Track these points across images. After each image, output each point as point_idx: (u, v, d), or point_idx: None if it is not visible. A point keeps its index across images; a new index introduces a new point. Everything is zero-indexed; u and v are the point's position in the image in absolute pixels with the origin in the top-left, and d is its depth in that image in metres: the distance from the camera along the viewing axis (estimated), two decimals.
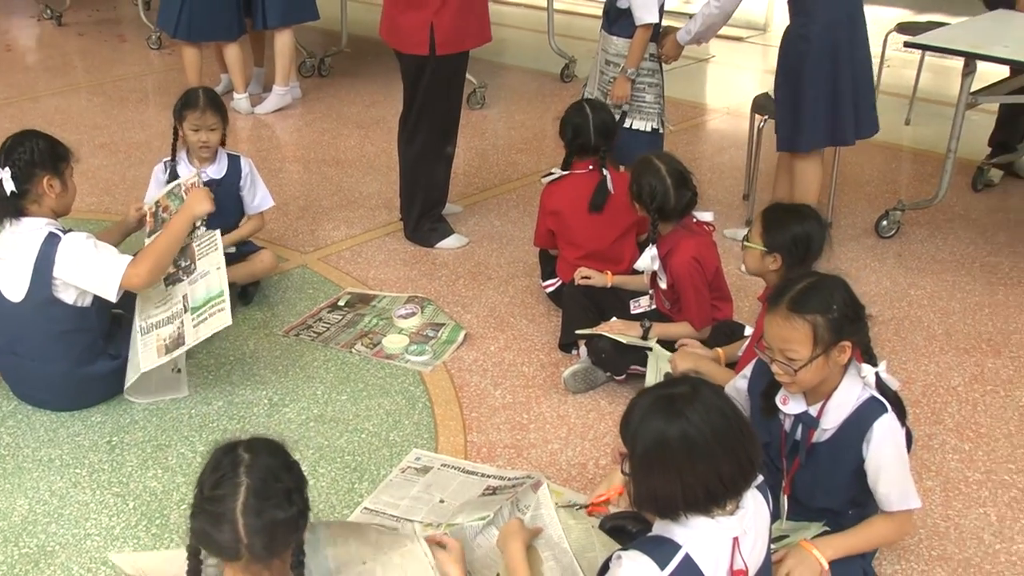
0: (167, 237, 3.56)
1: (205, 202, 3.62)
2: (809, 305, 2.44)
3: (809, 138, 4.46)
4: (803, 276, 2.56)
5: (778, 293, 2.51)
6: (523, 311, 4.24)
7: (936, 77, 6.88)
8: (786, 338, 2.45)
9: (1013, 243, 4.88)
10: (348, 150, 6.05)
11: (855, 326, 2.47)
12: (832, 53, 4.33)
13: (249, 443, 2.06)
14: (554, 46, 7.49)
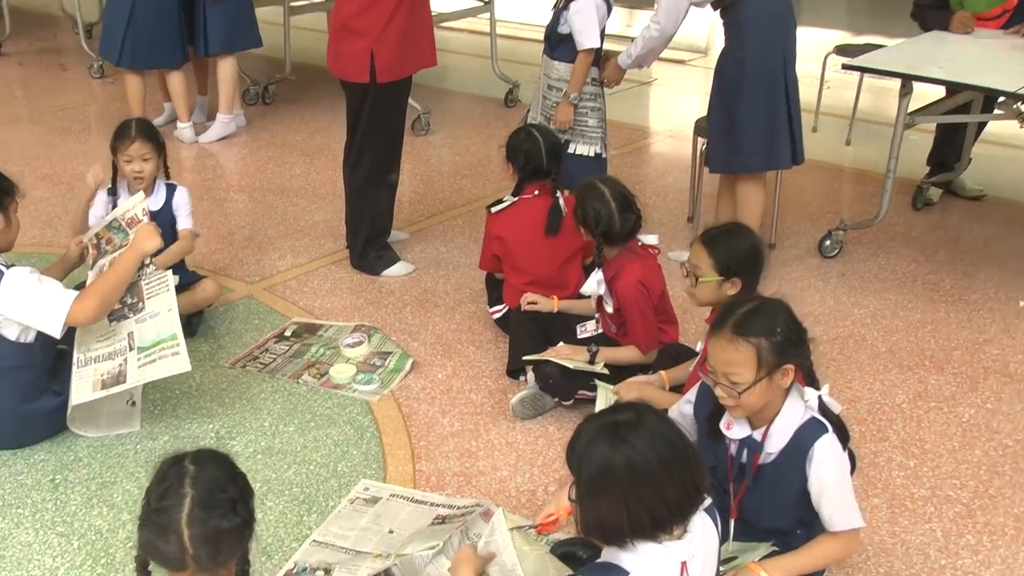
0: (115, 274, 3.52)
1: (154, 238, 3.60)
2: (753, 328, 2.45)
3: (745, 161, 4.51)
4: (746, 300, 2.58)
5: (722, 317, 2.52)
6: (470, 338, 4.24)
7: (875, 98, 6.99)
8: (730, 361, 2.46)
9: (953, 261, 4.95)
10: (293, 178, 6.02)
11: (798, 349, 2.49)
12: (768, 76, 4.39)
13: (195, 455, 2.07)
14: (497, 71, 7.53)
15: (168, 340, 3.42)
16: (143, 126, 4.16)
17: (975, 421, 3.67)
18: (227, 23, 6.49)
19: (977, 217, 5.46)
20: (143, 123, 4.19)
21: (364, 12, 4.34)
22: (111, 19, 6.36)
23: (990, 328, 4.33)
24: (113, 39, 6.33)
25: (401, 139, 4.73)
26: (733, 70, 4.42)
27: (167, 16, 6.33)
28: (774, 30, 4.41)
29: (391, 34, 4.36)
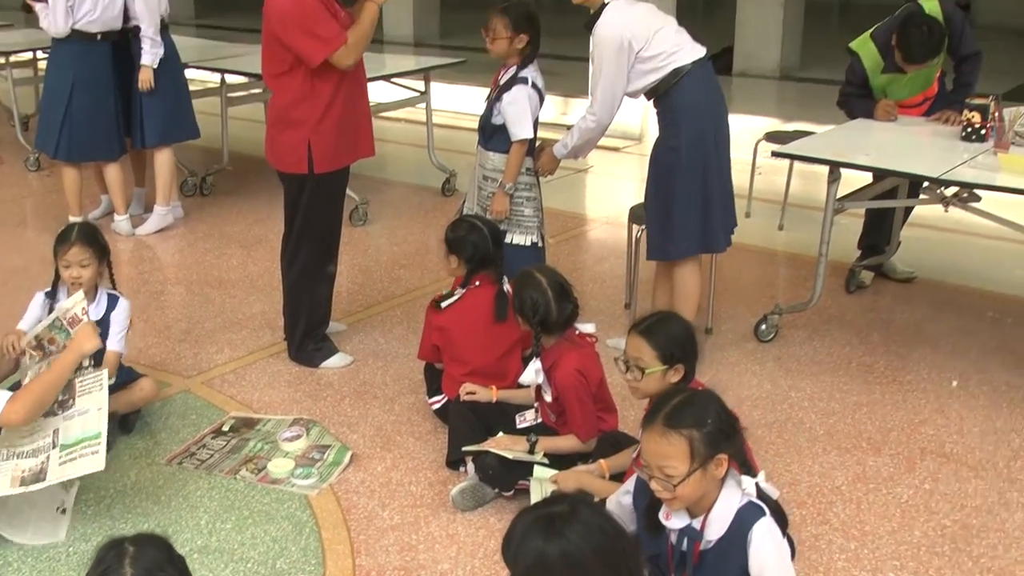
0: (52, 375, 3.48)
1: (93, 338, 3.56)
2: (684, 420, 2.47)
3: (681, 246, 4.57)
4: (676, 392, 2.61)
5: (653, 411, 2.54)
6: (410, 429, 4.21)
7: (806, 183, 7.12)
8: (663, 454, 2.47)
9: (887, 343, 5.02)
10: (231, 270, 6.00)
11: (730, 439, 2.51)
12: (702, 162, 4.46)
13: (134, 538, 2.08)
14: (434, 161, 7.59)
15: (92, 438, 3.37)
16: (84, 231, 4.11)
17: (913, 502, 3.70)
18: (164, 114, 6.50)
19: (908, 299, 5.56)
20: (85, 228, 4.15)
21: (300, 103, 4.37)
22: (47, 111, 6.35)
23: (925, 409, 4.38)
24: (49, 131, 6.32)
25: (339, 230, 4.74)
26: (668, 157, 4.49)
27: (104, 108, 6.34)
28: (707, 117, 4.49)
29: (328, 124, 4.39)
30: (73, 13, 6.11)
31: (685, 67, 4.40)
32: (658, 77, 4.42)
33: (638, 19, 4.41)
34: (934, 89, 5.48)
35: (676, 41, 4.44)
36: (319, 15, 4.24)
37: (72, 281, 4.05)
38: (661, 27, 4.43)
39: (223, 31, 13.02)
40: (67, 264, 4.04)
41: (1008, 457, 4.01)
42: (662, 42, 4.40)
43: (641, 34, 4.37)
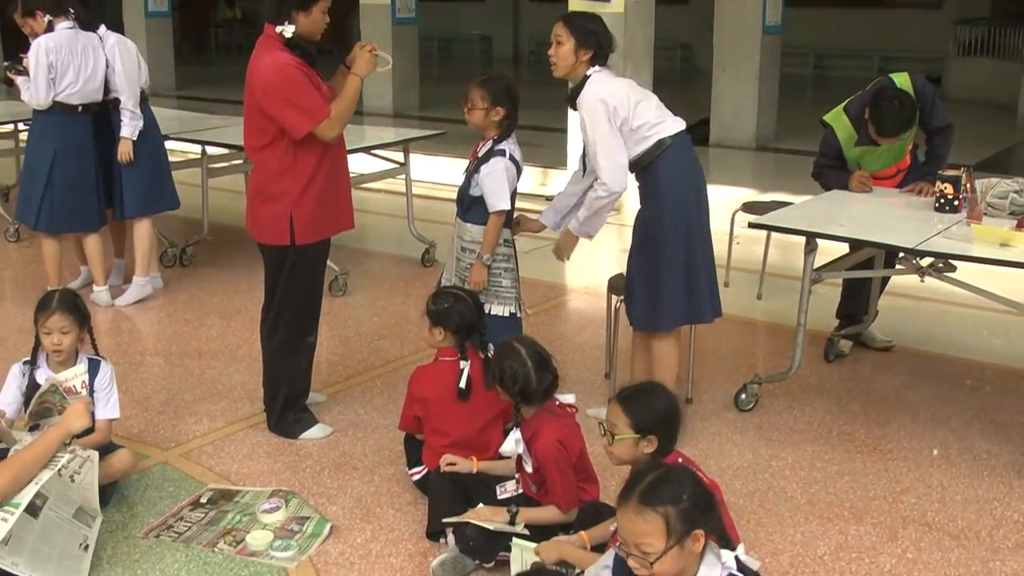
0: (36, 451, 3.47)
1: (83, 418, 3.57)
2: (660, 497, 2.48)
3: (668, 318, 4.59)
4: (651, 468, 2.61)
5: (628, 488, 2.55)
6: (389, 500, 4.18)
7: (783, 252, 7.18)
8: (639, 532, 2.47)
9: (867, 411, 5.03)
10: (211, 341, 5.98)
11: (707, 514, 2.51)
12: (686, 232, 4.50)
13: None
14: (414, 231, 7.62)
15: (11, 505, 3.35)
16: (66, 297, 4.13)
17: (896, 571, 3.69)
18: (143, 185, 6.52)
19: (887, 368, 5.58)
20: (67, 295, 4.17)
21: (283, 175, 4.40)
22: (28, 183, 6.37)
23: (906, 477, 4.39)
24: (30, 203, 6.32)
25: (320, 301, 4.75)
26: (653, 228, 4.52)
27: (84, 180, 6.36)
28: (689, 188, 4.55)
29: (310, 197, 4.42)
30: (55, 85, 6.15)
31: (667, 139, 4.47)
32: (642, 149, 4.47)
33: (621, 90, 4.49)
34: (907, 161, 5.56)
35: (658, 113, 4.52)
36: (303, 86, 4.29)
37: (53, 348, 4.05)
38: (642, 99, 4.51)
39: (204, 102, 13.10)
40: (48, 331, 4.04)
41: (990, 526, 4.00)
42: (645, 113, 4.47)
43: (625, 104, 4.44)
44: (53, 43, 6.12)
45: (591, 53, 4.50)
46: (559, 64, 4.55)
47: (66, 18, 6.23)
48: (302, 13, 4.32)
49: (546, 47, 4.64)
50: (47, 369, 4.12)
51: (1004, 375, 5.50)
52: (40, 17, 6.20)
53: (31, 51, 6.15)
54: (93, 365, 4.16)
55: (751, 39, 10.64)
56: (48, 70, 6.10)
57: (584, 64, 4.51)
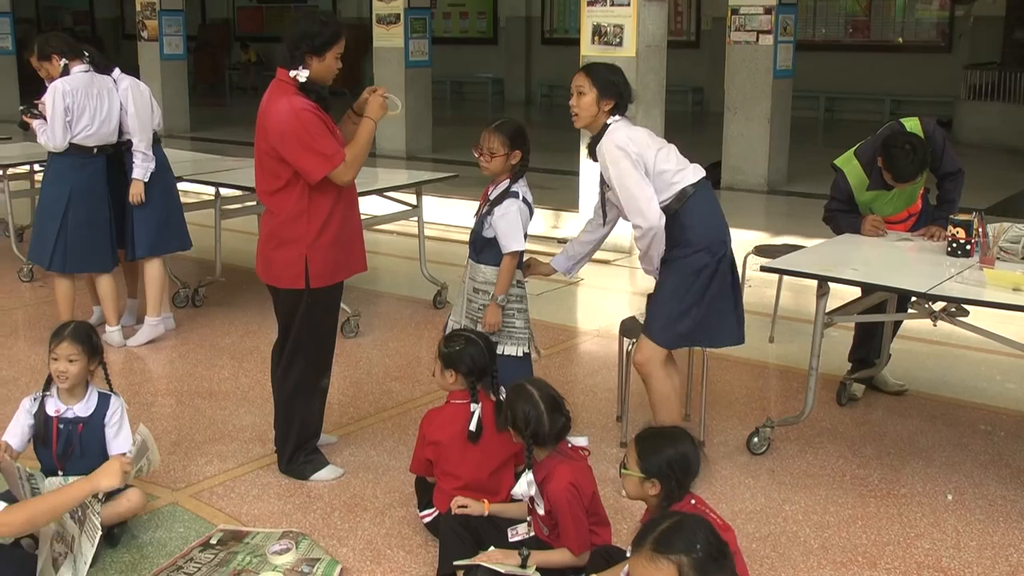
0: (55, 500, 3.45)
1: (115, 477, 3.53)
2: (673, 546, 2.47)
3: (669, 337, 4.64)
4: (666, 516, 2.61)
5: (642, 534, 2.55)
6: (400, 542, 4.17)
7: (795, 296, 7.18)
8: None
9: (880, 455, 5.01)
10: (222, 382, 5.98)
11: (719, 563, 2.50)
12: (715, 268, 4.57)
13: None
14: (426, 273, 7.64)
15: None
16: (79, 328, 4.18)
17: None
18: (154, 226, 6.56)
19: (901, 412, 5.56)
20: (81, 325, 4.21)
21: (297, 219, 4.42)
22: (43, 223, 6.40)
23: (920, 522, 4.36)
24: (44, 243, 6.36)
25: (333, 343, 4.76)
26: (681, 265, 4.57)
27: (98, 221, 6.40)
28: (716, 230, 4.62)
29: (325, 240, 4.44)
30: (71, 128, 6.21)
31: (690, 188, 4.54)
32: (666, 197, 4.52)
33: (641, 138, 4.55)
34: (918, 205, 5.56)
35: (679, 161, 4.58)
36: (319, 131, 4.32)
37: (58, 375, 4.08)
38: (662, 147, 4.57)
39: (218, 144, 13.20)
40: (56, 358, 4.08)
41: (1006, 572, 3.97)
42: (666, 160, 4.53)
43: (646, 151, 4.51)
44: (69, 87, 6.18)
45: (612, 103, 4.56)
46: (581, 115, 4.61)
47: (81, 61, 6.30)
48: (316, 58, 4.36)
49: (558, 90, 4.69)
50: (57, 399, 4.15)
51: (1019, 420, 5.47)
52: (56, 61, 6.27)
53: (48, 95, 6.21)
54: (103, 399, 4.19)
55: (762, 83, 10.70)
56: (65, 113, 6.15)
57: (605, 114, 4.58)
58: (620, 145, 4.49)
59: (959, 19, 16.90)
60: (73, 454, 4.12)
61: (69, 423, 4.13)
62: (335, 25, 4.43)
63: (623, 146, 4.48)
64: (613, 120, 4.58)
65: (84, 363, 4.13)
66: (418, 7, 13.35)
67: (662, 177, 4.51)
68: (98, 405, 4.17)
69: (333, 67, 4.44)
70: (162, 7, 15.16)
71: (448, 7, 22.45)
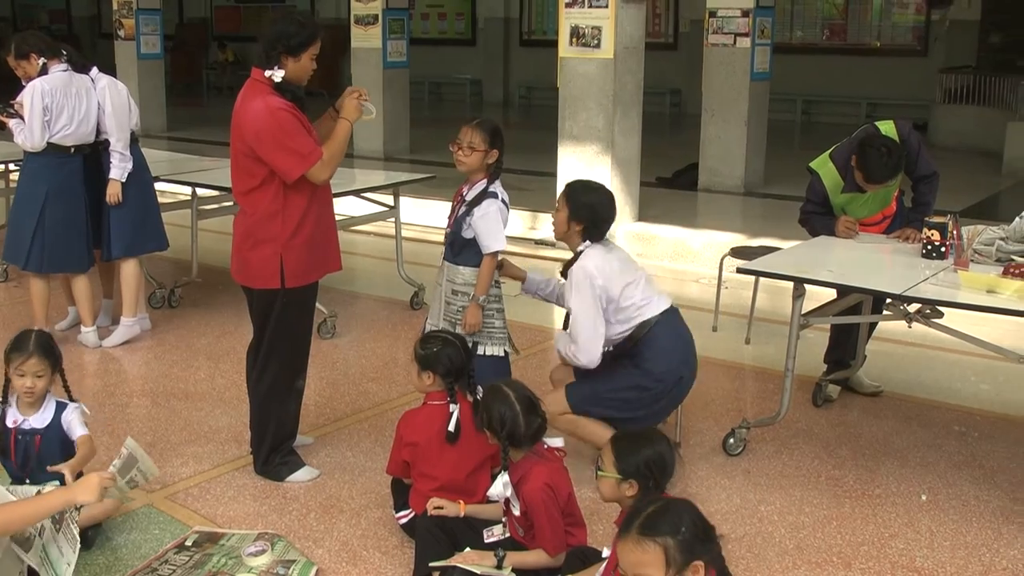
0: (28, 509, 3.33)
1: (93, 492, 3.36)
2: (659, 528, 2.49)
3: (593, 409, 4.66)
4: (652, 501, 2.63)
5: (628, 519, 2.56)
6: (376, 544, 4.16)
7: (772, 297, 7.21)
8: (639, 562, 2.49)
9: (855, 456, 5.03)
10: (198, 383, 5.96)
11: (705, 546, 2.52)
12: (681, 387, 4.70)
13: None
14: (403, 274, 7.63)
15: None
16: (42, 341, 4.10)
17: None
18: (131, 227, 6.53)
19: (876, 413, 5.59)
20: (42, 337, 4.14)
21: (272, 218, 4.41)
22: (18, 223, 6.35)
23: (895, 522, 4.38)
24: (20, 243, 6.32)
25: (308, 344, 4.74)
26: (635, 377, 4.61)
27: (75, 221, 6.36)
28: (676, 361, 4.64)
29: (300, 240, 4.43)
30: (49, 128, 6.17)
31: (652, 319, 4.57)
32: (627, 328, 4.58)
33: (612, 270, 4.55)
34: (892, 208, 5.59)
35: (645, 295, 4.61)
36: (295, 130, 4.31)
37: (25, 392, 4.02)
38: (632, 280, 4.59)
39: (195, 144, 13.15)
40: (22, 374, 4.02)
41: (979, 572, 4.00)
42: (631, 297, 4.56)
43: (615, 284, 4.53)
44: (48, 86, 6.14)
45: (582, 226, 4.57)
46: (556, 228, 4.67)
47: (60, 60, 6.26)
48: (291, 59, 4.35)
49: (536, 92, 4.72)
50: (16, 411, 4.10)
51: (992, 421, 5.50)
52: (34, 60, 6.22)
53: (26, 93, 6.17)
54: (59, 409, 4.14)
55: (740, 85, 10.73)
56: (43, 112, 6.12)
57: (577, 235, 4.60)
58: (588, 273, 4.51)
59: (935, 23, 16.99)
60: (32, 465, 4.08)
61: (27, 435, 4.08)
62: (312, 26, 4.42)
63: (590, 275, 4.50)
64: (586, 246, 4.60)
65: (49, 376, 4.09)
66: (396, 8, 13.33)
67: (625, 311, 4.56)
68: (55, 415, 4.12)
69: (308, 68, 4.43)
70: (139, 6, 15.07)
71: (426, 8, 22.42)
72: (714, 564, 2.58)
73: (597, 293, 4.49)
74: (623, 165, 9.17)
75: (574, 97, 9.11)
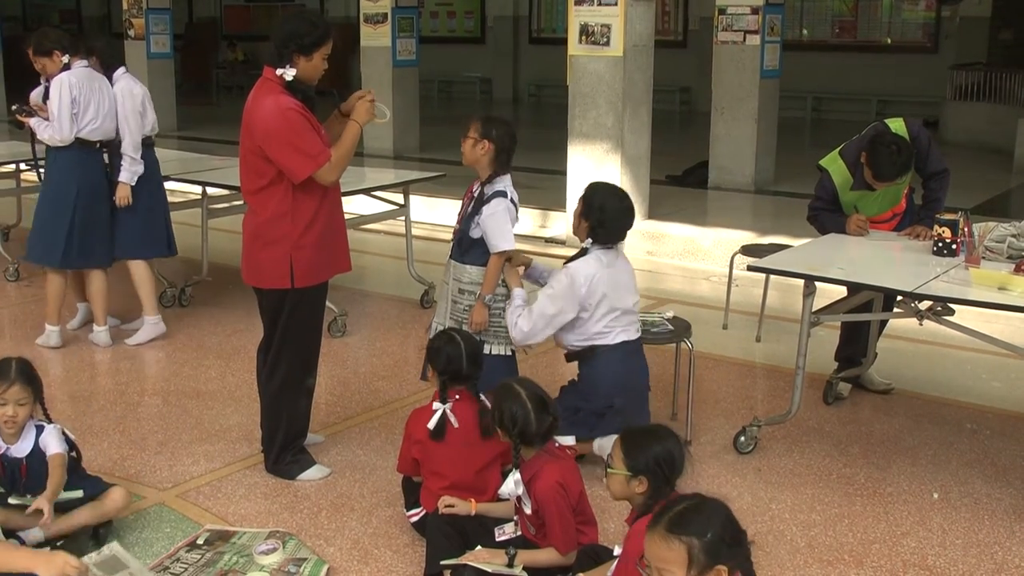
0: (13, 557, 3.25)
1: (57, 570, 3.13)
2: (687, 527, 2.49)
3: None
4: (686, 498, 2.62)
5: (661, 512, 2.56)
6: (387, 542, 4.16)
7: (782, 295, 7.19)
8: (662, 558, 2.49)
9: (866, 454, 5.02)
10: (209, 381, 5.97)
11: (732, 551, 2.51)
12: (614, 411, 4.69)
13: None
14: (413, 273, 7.63)
15: None
16: (23, 368, 4.02)
17: None
18: (138, 230, 6.55)
19: (887, 411, 5.57)
20: (23, 365, 4.04)
21: (282, 218, 4.41)
22: (50, 221, 6.34)
23: (906, 521, 4.37)
24: (52, 242, 6.31)
25: (319, 342, 4.75)
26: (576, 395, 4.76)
27: (102, 216, 6.42)
28: (616, 391, 4.68)
29: (309, 240, 4.44)
30: (77, 121, 6.21)
31: (602, 348, 4.67)
32: (579, 343, 4.71)
33: (598, 289, 4.60)
34: (903, 205, 5.58)
35: (611, 326, 4.68)
36: (304, 130, 4.31)
37: (6, 420, 3.96)
38: (610, 309, 4.65)
39: (205, 143, 13.16)
40: (4, 402, 3.94)
41: (991, 570, 3.99)
42: (599, 320, 4.65)
43: (592, 301, 4.61)
44: (75, 79, 6.19)
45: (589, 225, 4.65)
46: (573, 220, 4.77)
47: (81, 57, 6.29)
48: (303, 57, 4.35)
49: (545, 89, 4.73)
50: None
51: (1004, 419, 5.49)
52: (57, 57, 6.27)
53: (53, 87, 6.19)
54: (39, 431, 4.08)
55: (749, 83, 10.71)
56: (72, 105, 6.16)
57: (584, 231, 4.68)
58: (576, 277, 4.58)
59: (945, 20, 16.94)
60: (21, 486, 4.03)
61: (12, 463, 4.04)
62: (324, 26, 4.42)
63: (576, 280, 4.58)
64: (591, 246, 4.67)
65: (31, 405, 4.02)
66: (405, 6, 13.33)
67: (585, 326, 4.66)
68: (36, 440, 4.05)
69: (319, 67, 4.43)
70: (149, 5, 15.12)
71: (436, 6, 22.41)
72: (740, 569, 2.57)
73: (575, 291, 4.56)
74: (633, 163, 9.16)
75: (584, 95, 9.10)
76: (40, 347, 6.39)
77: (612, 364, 4.67)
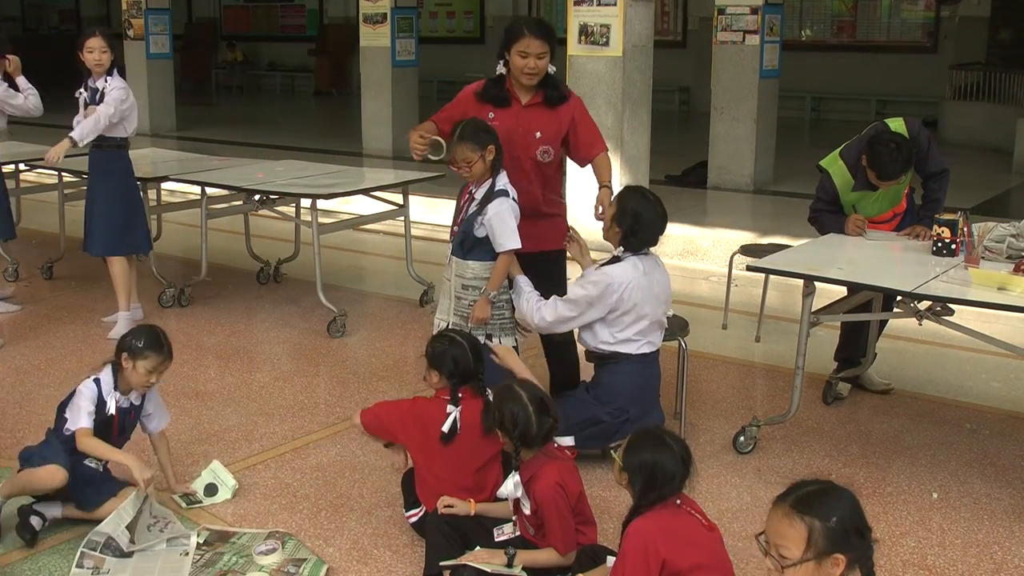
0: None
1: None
2: (811, 508, 2.50)
3: None
4: (818, 481, 2.62)
5: (789, 490, 2.59)
6: (386, 542, 4.16)
7: (782, 295, 7.19)
8: (782, 534, 2.50)
9: (866, 454, 5.02)
10: (208, 382, 5.96)
11: (852, 542, 2.50)
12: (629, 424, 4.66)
13: None
14: (412, 273, 7.62)
15: None
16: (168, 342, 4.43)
17: None
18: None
19: (886, 411, 5.57)
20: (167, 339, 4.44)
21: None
22: (124, 215, 6.73)
23: (906, 521, 4.37)
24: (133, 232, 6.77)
25: None
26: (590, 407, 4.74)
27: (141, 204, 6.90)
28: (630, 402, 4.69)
29: None
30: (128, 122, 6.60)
31: (623, 355, 4.67)
32: (600, 348, 4.70)
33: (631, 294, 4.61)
34: (903, 205, 5.58)
35: (636, 335, 4.68)
36: None
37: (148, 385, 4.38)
38: (638, 319, 4.66)
39: (204, 143, 13.15)
40: (157, 371, 4.36)
41: (991, 570, 3.99)
42: (623, 330, 4.66)
43: (620, 308, 4.61)
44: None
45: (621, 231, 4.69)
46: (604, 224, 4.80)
47: None
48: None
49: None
50: (116, 393, 4.32)
51: (1004, 419, 5.49)
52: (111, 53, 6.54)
53: (118, 86, 6.46)
54: None
55: (749, 83, 10.71)
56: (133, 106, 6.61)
57: (616, 237, 4.72)
58: (607, 281, 4.59)
59: (944, 19, 16.96)
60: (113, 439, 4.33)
61: (124, 412, 4.37)
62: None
63: (608, 283, 4.59)
64: (624, 254, 4.69)
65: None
66: (405, 6, 13.34)
67: (611, 331, 4.66)
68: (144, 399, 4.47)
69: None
70: (148, 6, 15.12)
71: (435, 6, 22.42)
72: (861, 565, 2.54)
73: (601, 295, 4.56)
74: (632, 163, 9.16)
75: (583, 95, 9.01)
76: None
77: (633, 375, 4.68)
